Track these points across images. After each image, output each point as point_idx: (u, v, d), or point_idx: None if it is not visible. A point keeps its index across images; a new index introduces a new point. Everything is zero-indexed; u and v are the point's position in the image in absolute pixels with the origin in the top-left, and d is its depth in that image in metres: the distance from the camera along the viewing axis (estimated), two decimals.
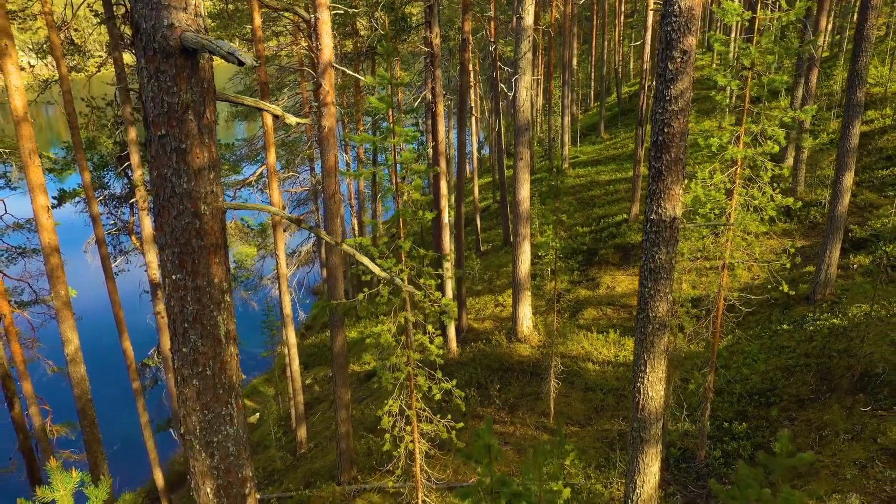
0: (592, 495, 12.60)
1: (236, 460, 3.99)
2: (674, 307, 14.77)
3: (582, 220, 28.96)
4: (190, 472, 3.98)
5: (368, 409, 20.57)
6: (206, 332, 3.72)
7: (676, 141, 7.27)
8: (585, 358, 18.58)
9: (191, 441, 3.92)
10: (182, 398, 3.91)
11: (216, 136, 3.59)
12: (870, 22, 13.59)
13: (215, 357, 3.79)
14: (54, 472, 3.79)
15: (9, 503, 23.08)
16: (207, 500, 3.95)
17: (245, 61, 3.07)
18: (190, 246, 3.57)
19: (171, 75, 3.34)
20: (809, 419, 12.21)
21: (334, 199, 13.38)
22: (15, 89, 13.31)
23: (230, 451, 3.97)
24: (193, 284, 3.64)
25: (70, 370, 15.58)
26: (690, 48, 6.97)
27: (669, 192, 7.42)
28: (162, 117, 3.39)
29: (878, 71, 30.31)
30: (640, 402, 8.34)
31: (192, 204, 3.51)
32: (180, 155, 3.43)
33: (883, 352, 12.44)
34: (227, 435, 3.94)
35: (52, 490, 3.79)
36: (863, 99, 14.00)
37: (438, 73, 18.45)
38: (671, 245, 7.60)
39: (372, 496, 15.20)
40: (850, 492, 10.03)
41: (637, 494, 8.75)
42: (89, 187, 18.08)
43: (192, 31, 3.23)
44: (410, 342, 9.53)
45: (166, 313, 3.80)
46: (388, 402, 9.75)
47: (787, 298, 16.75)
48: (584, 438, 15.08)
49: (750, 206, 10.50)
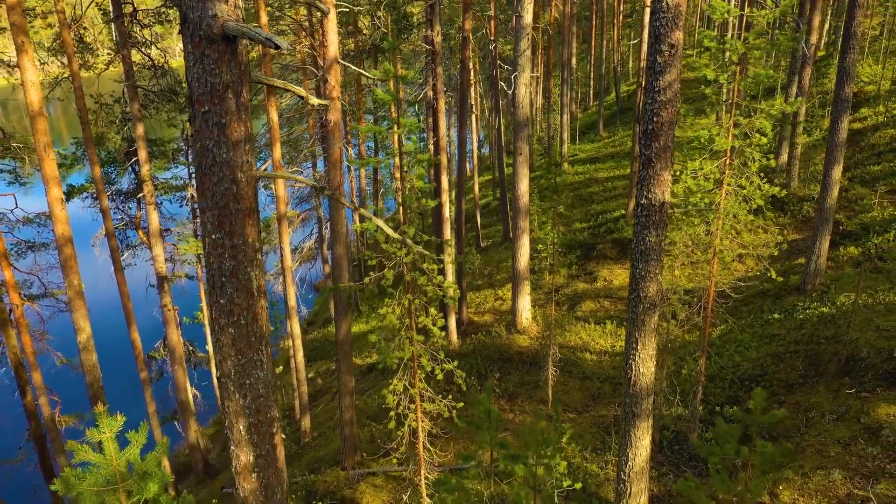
0: (588, 476, 13.07)
1: (266, 401, 4.46)
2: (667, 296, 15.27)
3: (580, 216, 29.42)
4: (224, 412, 4.44)
5: (371, 399, 21.03)
6: (241, 286, 4.19)
7: (665, 130, 7.73)
8: (583, 348, 19.04)
9: (226, 384, 4.39)
10: (218, 345, 4.38)
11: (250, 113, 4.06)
12: (857, 20, 14.06)
13: (248, 308, 4.27)
14: (101, 416, 4.24)
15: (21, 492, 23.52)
16: (240, 436, 4.42)
17: (281, 45, 3.53)
18: (228, 209, 4.05)
19: (213, 59, 3.81)
20: (797, 402, 12.68)
21: (339, 191, 13.84)
22: (31, 84, 13.76)
23: (260, 393, 4.44)
24: (230, 243, 4.12)
25: (82, 358, 16.04)
26: (677, 42, 7.44)
27: (659, 178, 7.89)
28: (205, 95, 3.87)
29: (871, 69, 30.79)
30: (632, 378, 8.81)
31: (230, 171, 3.98)
32: (221, 129, 3.90)
33: (868, 337, 12.91)
34: (258, 378, 4.41)
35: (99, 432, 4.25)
36: (850, 94, 14.46)
37: (440, 70, 18.91)
38: (661, 228, 8.07)
39: (376, 480, 15.68)
40: (834, 468, 10.50)
41: (629, 467, 9.22)
42: (99, 181, 18.55)
43: (233, 21, 3.70)
44: (414, 323, 9.98)
45: (206, 269, 4.26)
46: (392, 381, 10.21)
47: (779, 289, 17.22)
48: (581, 424, 15.55)
49: (738, 196, 10.97)
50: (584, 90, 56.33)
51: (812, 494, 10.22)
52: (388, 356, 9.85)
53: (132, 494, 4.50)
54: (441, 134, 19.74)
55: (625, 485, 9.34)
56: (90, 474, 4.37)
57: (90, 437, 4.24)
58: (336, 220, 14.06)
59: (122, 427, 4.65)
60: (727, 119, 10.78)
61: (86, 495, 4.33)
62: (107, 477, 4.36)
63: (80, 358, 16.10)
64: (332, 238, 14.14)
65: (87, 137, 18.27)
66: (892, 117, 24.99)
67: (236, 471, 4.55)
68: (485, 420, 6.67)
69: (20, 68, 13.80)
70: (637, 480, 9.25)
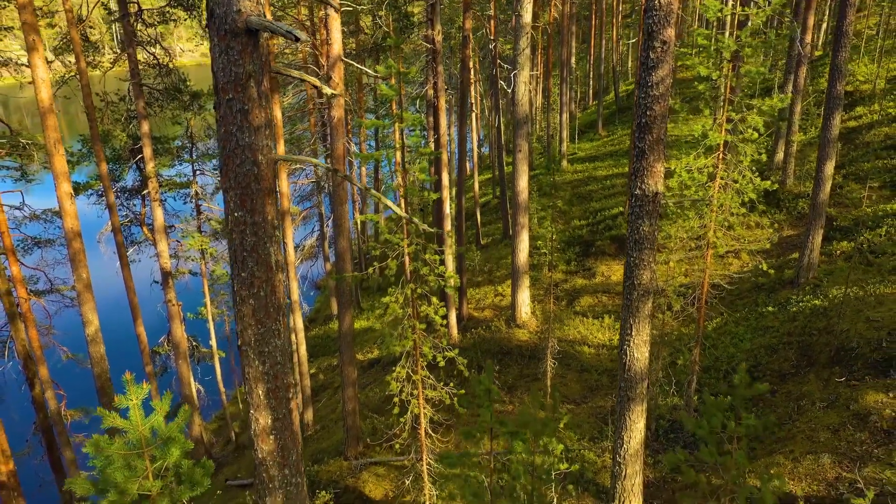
0: (586, 463, 13.40)
1: (282, 368, 4.79)
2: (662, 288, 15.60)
3: (579, 213, 29.75)
4: (244, 378, 4.76)
5: (372, 393, 21.37)
6: (261, 260, 4.51)
7: (658, 123, 8.07)
8: (581, 342, 19.37)
9: (246, 351, 4.71)
10: (240, 315, 4.70)
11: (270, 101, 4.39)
12: (848, 19, 14.38)
13: (267, 281, 4.59)
14: (129, 383, 4.57)
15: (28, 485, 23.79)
16: (259, 401, 4.74)
17: (300, 37, 3.85)
18: (249, 189, 4.37)
19: (237, 51, 4.12)
20: (789, 391, 13.02)
21: (342, 186, 14.17)
22: (42, 82, 14.09)
23: (278, 360, 4.76)
24: (252, 220, 4.44)
25: (90, 350, 16.37)
26: (669, 39, 7.77)
27: (652, 170, 8.22)
28: (230, 84, 4.18)
29: (867, 69, 31.12)
30: (626, 363, 9.14)
31: (251, 154, 4.30)
32: (243, 115, 4.22)
33: (858, 328, 13.23)
34: (276, 346, 4.73)
35: (126, 399, 4.58)
36: (842, 92, 14.79)
37: (440, 68, 19.24)
38: (654, 217, 8.40)
39: (378, 469, 16.01)
40: (823, 452, 10.83)
41: (625, 449, 9.55)
42: (106, 177, 18.88)
43: (255, 16, 4.01)
44: (416, 312, 10.31)
45: (228, 245, 4.58)
46: (395, 368, 10.53)
47: (774, 283, 17.56)
48: (579, 415, 15.88)
49: (731, 189, 11.30)
50: (583, 89, 56.68)
51: (802, 478, 10.55)
52: (391, 344, 10.18)
53: (156, 459, 4.82)
54: (442, 131, 20.06)
55: (620, 467, 9.67)
56: (118, 439, 4.69)
57: (118, 403, 4.57)
58: (339, 214, 14.39)
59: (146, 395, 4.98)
60: (720, 115, 11.11)
61: (114, 458, 4.66)
62: (133, 442, 4.68)
63: (88, 350, 16.43)
64: (336, 232, 14.47)
65: (94, 134, 18.60)
66: (886, 115, 25.32)
67: (255, 433, 4.88)
68: (485, 398, 6.99)
69: (31, 66, 14.13)
70: (632, 462, 9.58)
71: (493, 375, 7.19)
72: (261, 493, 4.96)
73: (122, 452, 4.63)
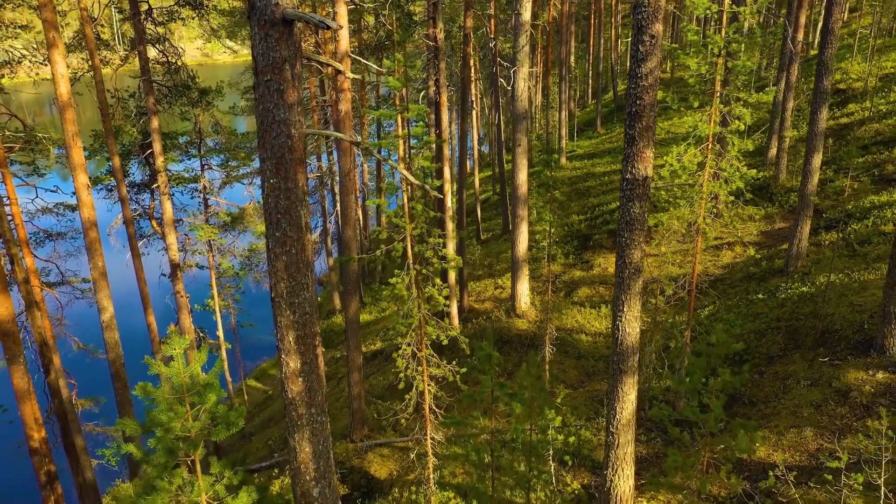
0: (583, 441, 14.02)
1: (310, 318, 5.39)
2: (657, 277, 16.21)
3: (578, 208, 30.38)
4: (276, 327, 5.37)
5: (376, 381, 21.98)
6: (293, 221, 5.10)
7: (647, 111, 8.67)
8: (579, 330, 19.98)
9: (279, 302, 5.32)
10: (273, 271, 5.30)
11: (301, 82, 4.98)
12: (835, 17, 15.01)
13: (298, 240, 5.19)
14: (173, 334, 5.18)
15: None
16: (290, 346, 5.34)
17: (331, 25, 4.45)
18: (284, 158, 4.97)
19: (275, 38, 4.73)
20: (776, 371, 13.63)
21: (349, 177, 14.79)
22: (61, 77, 14.71)
23: (306, 311, 5.37)
24: (285, 186, 5.04)
25: (105, 336, 16.98)
26: (658, 33, 8.38)
27: (642, 155, 8.83)
28: (268, 67, 4.79)
29: (860, 67, 31.75)
30: (619, 338, 9.74)
31: (286, 128, 4.91)
32: (279, 94, 4.83)
33: (842, 312, 13.85)
34: (305, 298, 5.34)
35: (171, 347, 5.19)
36: (829, 87, 15.41)
37: (442, 65, 19.84)
38: (643, 200, 9.01)
39: (382, 450, 16.63)
40: (806, 426, 11.46)
41: (617, 420, 10.15)
42: (119, 170, 19.50)
43: (290, 7, 4.62)
44: (421, 292, 10.92)
45: (263, 209, 5.19)
46: (401, 344, 11.15)
47: (764, 272, 18.17)
48: (576, 398, 16.49)
49: (720, 177, 11.92)
50: (582, 88, 57.31)
51: (785, 449, 11.18)
52: (397, 322, 10.78)
53: (194, 405, 5.42)
54: (443, 127, 20.66)
55: (613, 437, 10.27)
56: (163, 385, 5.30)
57: (165, 351, 5.17)
58: (346, 204, 15.00)
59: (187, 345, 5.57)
60: (710, 107, 11.73)
61: (159, 401, 5.26)
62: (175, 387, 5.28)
63: (103, 336, 17.04)
64: (343, 221, 15.07)
65: (107, 129, 19.22)
66: (877, 112, 25.94)
67: (285, 376, 5.49)
68: (486, 362, 7.61)
69: (51, 62, 14.73)
70: (624, 432, 10.18)
71: (493, 343, 7.80)
72: (290, 430, 5.57)
73: (166, 396, 5.23)
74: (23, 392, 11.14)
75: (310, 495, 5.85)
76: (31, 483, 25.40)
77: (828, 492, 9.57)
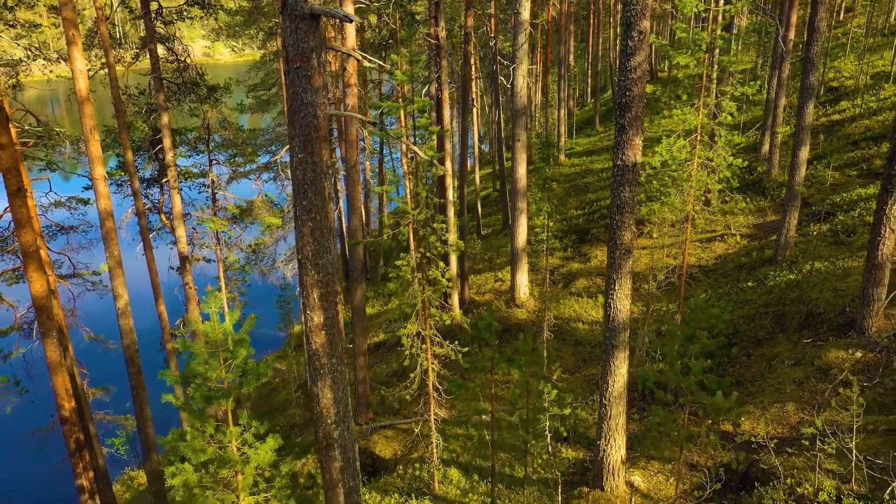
0: (579, 420, 14.70)
1: (332, 278, 6.06)
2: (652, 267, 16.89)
3: (576, 203, 31.07)
4: (301, 286, 6.04)
5: (379, 369, 22.67)
6: (318, 191, 5.78)
7: (636, 102, 9.36)
8: (576, 319, 20.66)
9: (305, 264, 5.98)
10: (299, 235, 5.97)
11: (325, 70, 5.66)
12: (819, 15, 15.68)
13: (322, 208, 5.86)
14: (210, 294, 5.85)
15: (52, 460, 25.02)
16: (314, 303, 6.01)
17: (353, 19, 5.11)
18: (310, 136, 5.64)
19: (304, 31, 5.39)
20: (763, 353, 14.31)
21: (355, 168, 15.46)
22: (80, 73, 15.38)
23: (329, 271, 6.03)
24: (311, 160, 5.71)
25: (120, 322, 17.65)
26: (645, 30, 9.06)
27: (631, 143, 9.51)
28: (297, 56, 5.47)
29: (853, 66, 32.44)
30: (610, 315, 10.42)
31: (312, 109, 5.58)
32: (307, 79, 5.51)
33: (826, 296, 14.54)
34: (328, 260, 6.00)
35: (208, 306, 5.85)
36: (815, 82, 16.08)
37: (444, 62, 20.50)
38: (633, 185, 9.69)
39: (387, 432, 17.31)
40: (789, 401, 12.14)
41: (610, 392, 10.83)
42: (131, 164, 20.19)
43: (318, 4, 5.28)
44: (425, 275, 11.60)
45: (292, 181, 5.85)
46: (406, 324, 11.83)
47: (755, 262, 18.85)
48: (573, 382, 17.17)
49: (708, 167, 12.60)
50: (581, 87, 58.01)
51: (769, 422, 11.85)
52: (403, 301, 11.47)
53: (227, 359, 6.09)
54: (445, 122, 21.32)
55: (606, 408, 10.95)
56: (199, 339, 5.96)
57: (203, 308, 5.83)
58: (352, 194, 15.68)
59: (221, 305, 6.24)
60: (698, 101, 12.41)
61: (197, 353, 5.92)
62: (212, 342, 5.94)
63: (118, 322, 17.69)
64: (349, 211, 15.74)
65: (120, 124, 19.91)
66: (867, 109, 26.63)
67: (309, 329, 6.16)
68: (486, 331, 8.29)
69: (70, 59, 15.41)
70: (616, 404, 10.86)
71: (492, 315, 8.47)
72: (313, 378, 6.24)
73: (203, 350, 5.89)
74: (55, 364, 11.83)
75: (331, 436, 6.55)
76: (31, 482, 26.00)
77: (806, 458, 10.25)
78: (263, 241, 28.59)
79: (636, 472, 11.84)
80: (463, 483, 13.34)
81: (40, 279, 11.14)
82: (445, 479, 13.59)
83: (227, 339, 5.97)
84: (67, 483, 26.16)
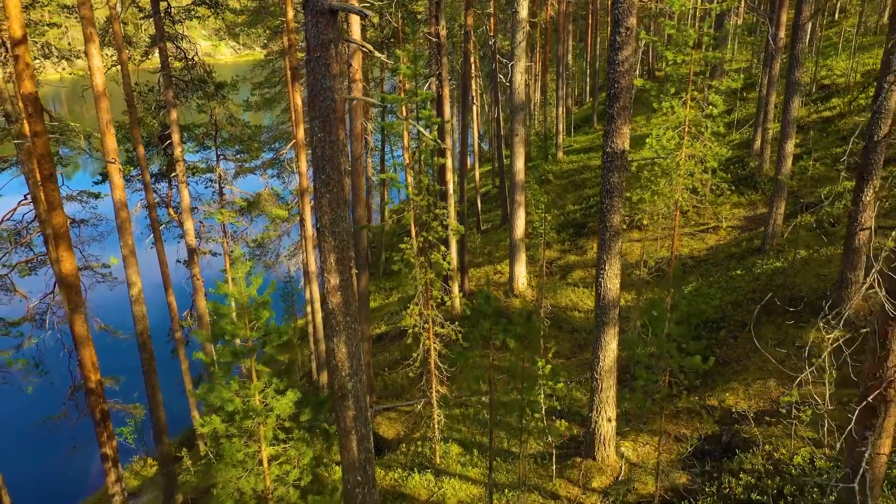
0: (573, 400, 15.42)
1: (347, 244, 6.77)
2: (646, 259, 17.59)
3: (574, 199, 31.79)
4: (320, 251, 6.74)
5: (382, 357, 23.36)
6: (335, 167, 6.48)
7: (624, 93, 10.07)
8: (573, 308, 21.38)
9: (323, 231, 6.69)
10: (319, 206, 6.68)
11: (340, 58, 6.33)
12: (804, 14, 16.41)
13: (339, 181, 6.57)
14: (237, 260, 6.56)
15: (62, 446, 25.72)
16: (331, 266, 6.72)
17: (369, 14, 5.80)
18: (328, 117, 6.35)
19: (323, 24, 6.10)
20: (748, 336, 15.02)
21: (360, 161, 16.17)
22: (97, 69, 16.09)
23: (344, 238, 6.75)
24: (329, 139, 6.42)
25: (134, 309, 18.35)
26: (632, 26, 9.77)
27: (619, 132, 10.23)
28: (317, 46, 6.17)
29: (845, 64, 33.16)
30: (601, 293, 11.13)
31: (331, 93, 6.29)
32: (326, 66, 6.21)
33: (808, 282, 15.26)
34: (343, 228, 6.71)
35: (234, 270, 6.57)
36: (800, 78, 16.80)
37: (445, 60, 21.21)
38: (621, 171, 10.40)
39: (390, 414, 18.03)
40: (770, 378, 12.86)
41: (601, 366, 11.54)
42: (143, 158, 20.91)
43: (336, 0, 6.00)
44: (427, 258, 12.31)
45: (311, 158, 6.54)
46: (410, 306, 12.53)
47: (744, 251, 19.57)
48: (568, 367, 17.89)
49: (695, 157, 13.31)
50: (580, 86, 58.72)
51: (752, 397, 12.57)
52: (406, 283, 12.18)
53: (251, 320, 6.79)
54: (446, 118, 22.03)
55: (597, 382, 11.66)
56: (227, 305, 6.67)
57: (229, 274, 6.55)
58: (357, 186, 16.38)
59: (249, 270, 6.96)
60: (685, 94, 13.13)
61: (225, 314, 6.63)
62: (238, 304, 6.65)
63: (132, 309, 18.40)
64: (354, 202, 16.45)
65: (132, 120, 20.63)
66: (857, 106, 27.34)
67: (326, 290, 6.86)
68: (485, 303, 8.99)
69: (87, 55, 16.11)
70: (607, 377, 11.57)
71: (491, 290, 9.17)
72: (329, 335, 6.95)
73: (230, 311, 6.59)
74: (83, 338, 12.55)
75: (345, 387, 7.26)
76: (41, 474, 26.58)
77: (784, 426, 10.97)
78: (268, 236, 29.29)
79: (626, 444, 12.56)
80: (463, 457, 14.06)
81: (70, 258, 11.89)
82: (446, 455, 14.31)
83: (251, 302, 6.68)
84: (73, 476, 26.97)
